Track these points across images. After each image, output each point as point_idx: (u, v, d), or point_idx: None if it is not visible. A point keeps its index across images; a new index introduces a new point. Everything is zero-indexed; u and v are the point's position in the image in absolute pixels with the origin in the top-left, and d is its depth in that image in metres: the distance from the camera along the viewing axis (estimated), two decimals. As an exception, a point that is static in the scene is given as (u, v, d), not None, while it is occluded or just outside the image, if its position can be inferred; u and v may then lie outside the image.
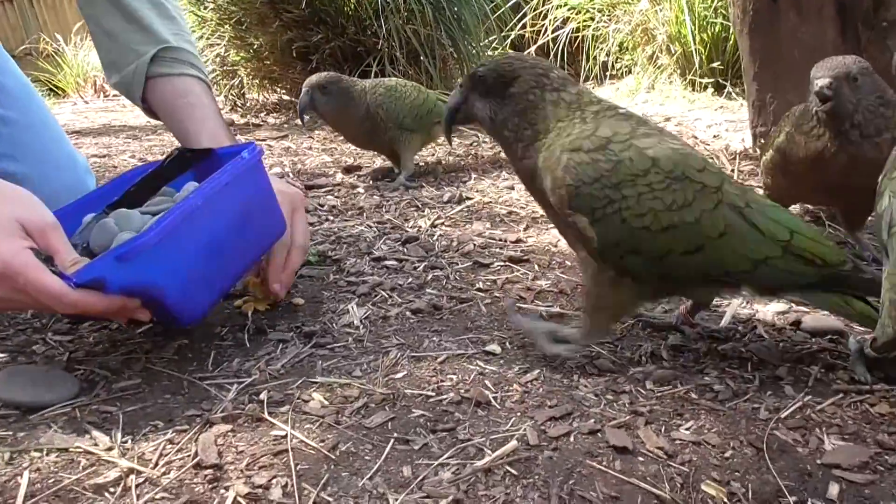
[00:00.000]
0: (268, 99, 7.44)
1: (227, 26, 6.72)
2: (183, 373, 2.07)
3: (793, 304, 2.36)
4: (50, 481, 1.59)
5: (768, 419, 1.76)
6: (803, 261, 1.82)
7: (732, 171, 4.01)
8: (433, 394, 1.90)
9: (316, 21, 6.21)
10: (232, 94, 7.27)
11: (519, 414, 1.80)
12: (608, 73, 7.91)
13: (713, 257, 1.80)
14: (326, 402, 1.88)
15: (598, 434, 1.70)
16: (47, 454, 1.69)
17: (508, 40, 7.68)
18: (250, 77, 7.16)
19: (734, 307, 2.36)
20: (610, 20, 7.71)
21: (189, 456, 1.66)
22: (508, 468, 1.59)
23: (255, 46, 6.67)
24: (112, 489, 1.56)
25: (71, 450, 1.70)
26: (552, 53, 8.16)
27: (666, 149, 1.81)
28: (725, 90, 6.36)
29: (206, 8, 6.81)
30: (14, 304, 1.83)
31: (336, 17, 6.21)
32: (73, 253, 1.84)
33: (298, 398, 1.90)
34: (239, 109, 7.22)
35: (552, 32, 8.07)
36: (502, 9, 7.42)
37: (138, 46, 2.61)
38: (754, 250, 1.80)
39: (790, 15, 3.93)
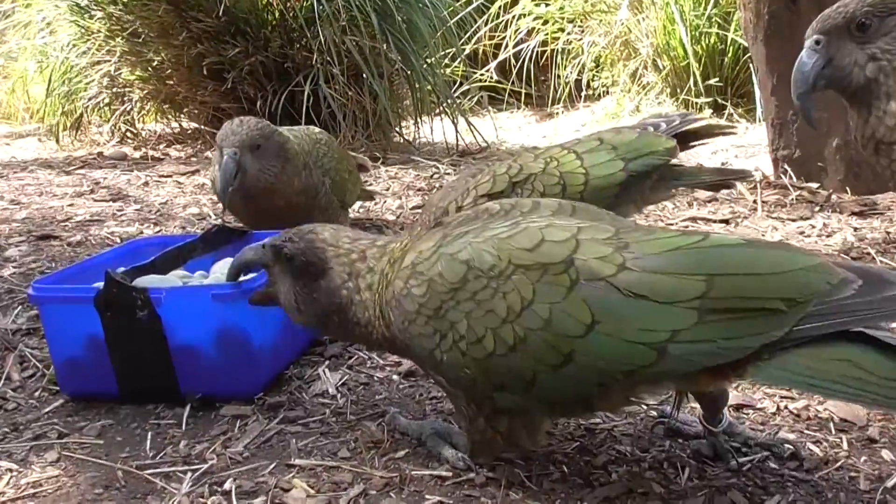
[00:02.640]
0: (168, 127, 7.32)
1: (118, 39, 6.61)
2: (114, 461, 1.94)
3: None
4: None
5: (872, 490, 1.73)
6: (744, 313, 1.44)
7: (754, 201, 4.08)
8: (448, 474, 1.82)
9: (233, 32, 6.15)
10: (123, 122, 7.13)
11: (564, 496, 1.73)
12: (582, 94, 8.08)
13: (591, 361, 1.51)
14: (312, 491, 1.78)
15: (670, 516, 1.64)
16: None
17: (463, 54, 7.76)
18: (147, 101, 7.03)
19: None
20: (583, 32, 7.91)
21: (145, 566, 1.54)
22: (566, 563, 1.52)
23: (155, 63, 6.56)
24: None
25: (-21, 565, 1.55)
26: (514, 71, 8.30)
27: (484, 240, 1.63)
28: (726, 111, 6.54)
29: (92, 17, 6.69)
30: None
31: (258, 27, 6.17)
32: None
33: (275, 487, 1.79)
34: (131, 141, 7.08)
35: (514, 47, 8.23)
36: (460, 14, 7.50)
37: None
38: (649, 330, 1.47)
39: (811, 18, 4.06)
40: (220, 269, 2.53)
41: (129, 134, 7.19)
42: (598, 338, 1.49)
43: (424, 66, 6.44)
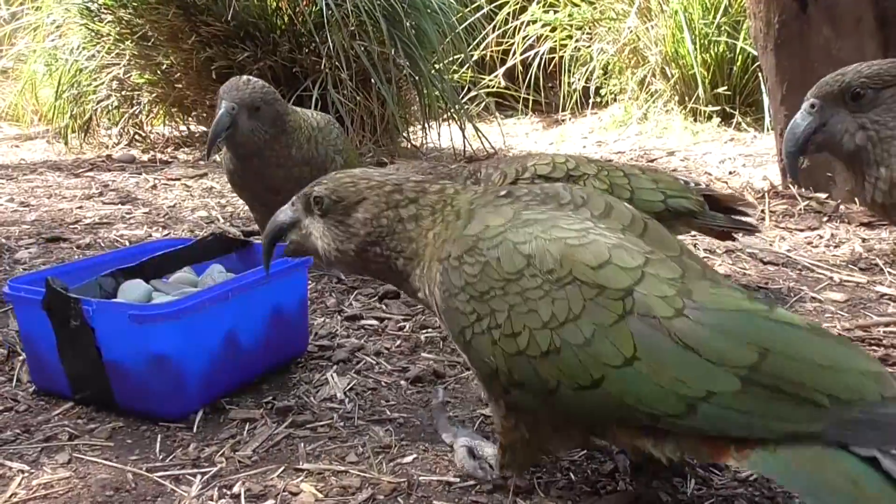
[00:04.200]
0: (176, 130, 7.35)
1: (128, 43, 6.65)
2: (124, 463, 1.96)
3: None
4: None
5: None
6: (787, 397, 1.40)
7: (762, 211, 4.09)
8: (457, 479, 1.84)
9: (242, 36, 6.20)
10: (132, 125, 7.16)
11: (570, 503, 1.75)
12: (590, 101, 8.09)
13: (619, 394, 1.49)
14: (320, 495, 1.80)
15: (677, 524, 1.66)
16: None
17: (471, 60, 7.78)
18: (156, 104, 7.07)
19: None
20: (591, 39, 7.93)
21: (155, 568, 1.55)
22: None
23: (164, 67, 6.61)
24: None
25: (-8, 565, 1.57)
26: (522, 78, 8.32)
27: (551, 239, 1.59)
28: (734, 120, 6.56)
29: (102, 21, 6.73)
30: None
31: (267, 31, 6.21)
32: None
33: (283, 490, 1.81)
34: (139, 143, 7.12)
35: (521, 53, 8.25)
36: (469, 20, 7.52)
37: None
38: (687, 383, 1.44)
39: (823, 28, 4.10)
40: (213, 270, 2.58)
41: (137, 137, 7.22)
42: (633, 373, 1.46)
43: (432, 71, 6.47)
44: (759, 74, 6.05)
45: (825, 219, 3.99)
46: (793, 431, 1.39)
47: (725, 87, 6.66)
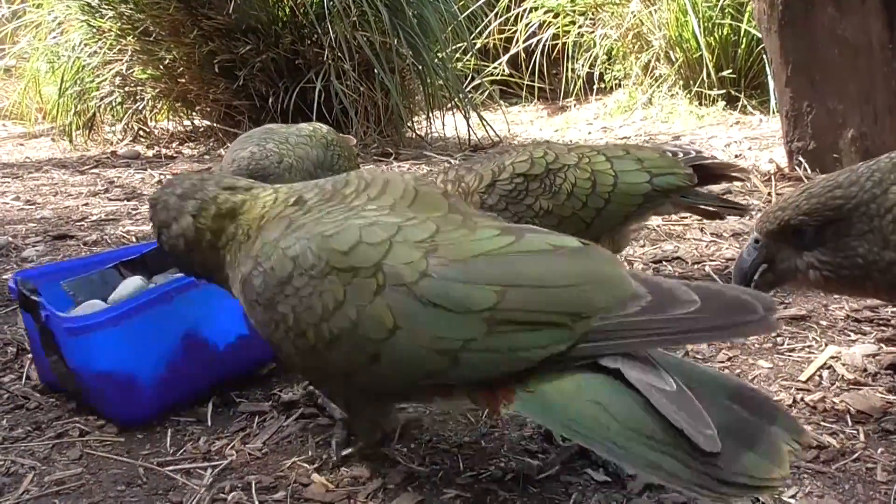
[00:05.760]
0: (180, 125, 7.37)
1: (130, 38, 6.67)
2: (135, 458, 1.97)
3: (883, 346, 2.38)
4: None
5: (889, 481, 1.74)
6: (530, 326, 1.48)
7: (769, 194, 4.08)
8: (467, 468, 1.84)
9: (243, 29, 6.21)
10: (135, 121, 7.18)
11: (581, 488, 1.75)
12: (594, 87, 8.08)
13: (398, 363, 1.57)
14: (331, 486, 1.81)
15: (687, 508, 1.66)
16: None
17: (474, 49, 7.77)
18: (159, 99, 7.09)
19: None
20: (595, 24, 7.90)
21: (168, 561, 1.57)
22: (584, 556, 1.54)
23: (167, 61, 6.62)
24: None
25: (6, 561, 1.59)
26: (526, 65, 8.31)
27: (311, 237, 1.66)
28: (739, 103, 6.54)
29: (103, 17, 6.74)
30: None
31: (269, 24, 6.21)
32: None
33: (295, 482, 1.82)
34: (144, 139, 7.13)
35: (524, 41, 8.24)
36: (471, 8, 7.52)
37: None
38: (444, 338, 1.52)
39: (827, 8, 4.07)
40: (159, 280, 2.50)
41: (141, 133, 7.24)
42: (398, 342, 1.54)
43: (436, 60, 6.47)
44: (764, 56, 6.04)
45: (832, 200, 3.97)
46: (542, 358, 1.46)
47: (730, 70, 6.64)
